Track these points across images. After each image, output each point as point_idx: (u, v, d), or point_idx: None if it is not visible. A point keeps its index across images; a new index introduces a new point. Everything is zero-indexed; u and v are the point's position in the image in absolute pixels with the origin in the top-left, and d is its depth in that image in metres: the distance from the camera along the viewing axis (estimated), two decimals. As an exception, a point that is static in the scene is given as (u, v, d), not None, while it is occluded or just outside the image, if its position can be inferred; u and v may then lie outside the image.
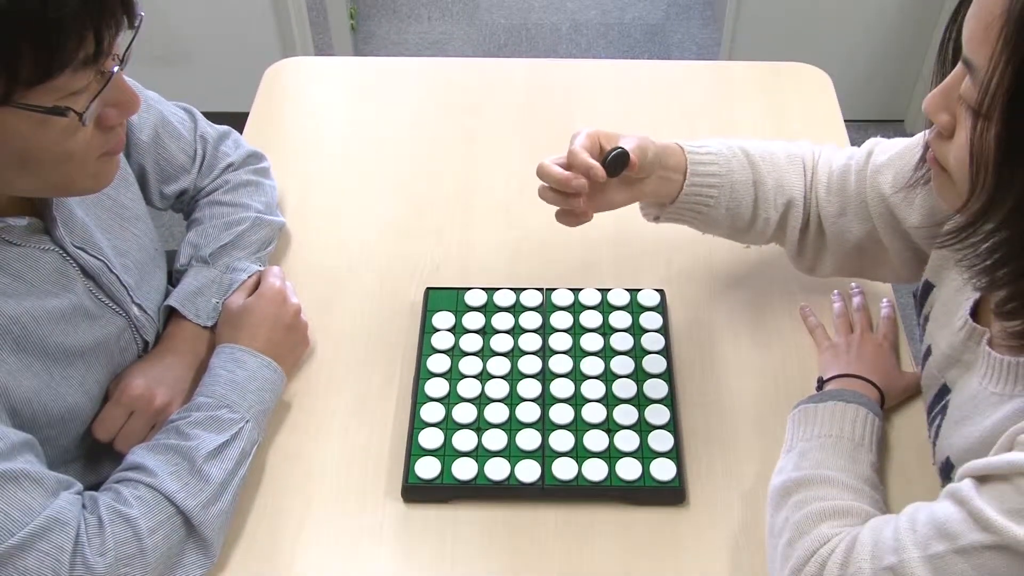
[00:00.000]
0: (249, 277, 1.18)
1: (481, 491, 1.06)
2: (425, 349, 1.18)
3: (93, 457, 1.09)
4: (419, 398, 1.13)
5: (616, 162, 1.02)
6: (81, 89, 0.84)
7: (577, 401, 1.13)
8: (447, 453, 1.08)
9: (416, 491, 1.06)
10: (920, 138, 1.05)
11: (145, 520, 0.92)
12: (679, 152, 1.10)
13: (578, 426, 1.11)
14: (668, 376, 1.15)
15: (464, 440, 1.09)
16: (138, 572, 0.91)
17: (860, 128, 2.65)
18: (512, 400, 1.13)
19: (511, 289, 1.24)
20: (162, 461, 0.96)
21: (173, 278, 1.21)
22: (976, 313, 0.95)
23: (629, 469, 1.06)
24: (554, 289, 1.25)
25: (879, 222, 1.08)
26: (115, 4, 0.82)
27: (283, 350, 1.13)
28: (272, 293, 1.14)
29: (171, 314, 1.15)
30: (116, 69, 0.86)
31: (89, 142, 0.89)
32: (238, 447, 1.01)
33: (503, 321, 1.21)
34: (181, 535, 0.95)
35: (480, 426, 1.11)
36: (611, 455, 1.08)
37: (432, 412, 1.11)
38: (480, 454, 1.08)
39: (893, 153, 1.08)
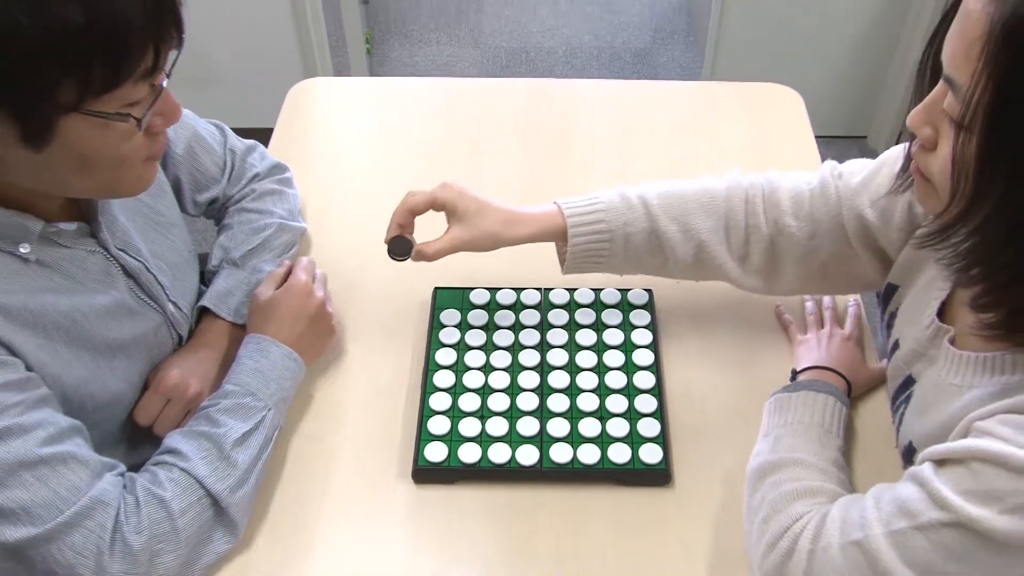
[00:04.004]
0: (279, 268, 1.16)
1: (485, 473, 1.06)
2: (433, 343, 1.18)
3: (135, 440, 1.08)
4: (428, 388, 1.13)
5: (395, 247, 1.10)
6: (138, 100, 0.85)
7: (572, 391, 1.13)
8: (454, 438, 1.08)
9: (425, 473, 1.06)
10: (886, 155, 1.05)
11: (177, 502, 0.92)
12: (558, 215, 1.09)
13: (573, 414, 1.10)
14: (655, 368, 1.15)
15: (469, 426, 1.09)
16: (170, 547, 0.91)
17: (828, 143, 2.65)
18: (513, 390, 1.13)
19: (512, 289, 1.24)
20: (195, 447, 0.96)
21: (205, 278, 1.21)
22: (941, 313, 0.95)
23: (620, 453, 1.06)
24: (551, 289, 1.24)
25: (856, 240, 1.06)
26: (171, 23, 0.83)
27: (307, 340, 1.11)
28: (298, 287, 1.13)
29: (203, 312, 1.15)
30: (165, 83, 0.88)
31: (138, 147, 0.90)
32: (262, 434, 1.01)
33: (505, 318, 1.21)
34: (210, 515, 0.94)
35: (484, 414, 1.10)
36: (603, 440, 1.07)
37: (440, 401, 1.11)
38: (484, 439, 1.08)
39: (865, 175, 1.06)
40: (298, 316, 1.11)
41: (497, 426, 1.09)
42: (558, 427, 1.09)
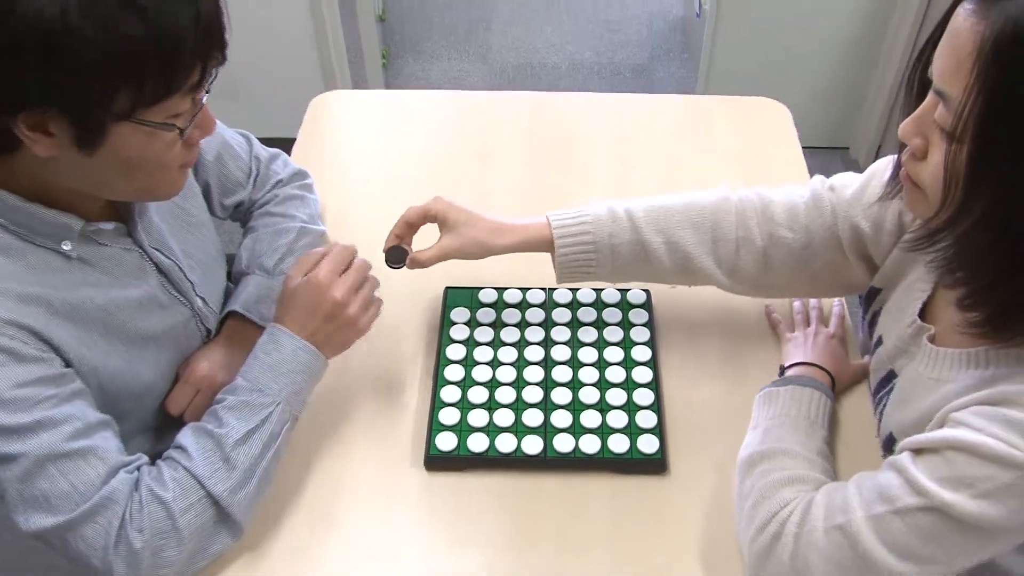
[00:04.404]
0: (318, 248, 1.09)
1: (492, 461, 1.07)
2: (444, 340, 1.19)
3: (165, 428, 1.09)
4: (439, 381, 1.14)
5: (392, 256, 1.13)
6: (182, 112, 0.87)
7: (575, 385, 1.13)
8: (463, 429, 1.09)
9: (437, 461, 1.07)
10: (875, 168, 1.06)
11: (178, 502, 0.90)
12: (545, 227, 1.10)
13: (575, 406, 1.11)
14: (653, 364, 1.16)
15: (478, 418, 1.09)
16: (172, 545, 0.90)
17: (813, 153, 2.65)
18: (519, 384, 1.14)
19: (518, 288, 1.25)
20: (199, 446, 0.94)
21: (232, 277, 1.22)
22: (923, 313, 0.96)
23: (619, 443, 1.07)
24: (555, 288, 1.25)
25: (849, 249, 1.07)
26: (216, 43, 0.85)
27: (323, 336, 1.02)
28: (315, 282, 1.02)
29: (231, 313, 1.15)
30: (204, 98, 0.89)
31: (177, 155, 0.91)
32: (267, 430, 0.96)
33: (511, 316, 1.22)
34: (211, 515, 0.92)
35: (491, 406, 1.11)
36: (603, 431, 1.08)
37: (450, 393, 1.12)
38: (491, 429, 1.09)
39: (856, 188, 1.06)
40: (312, 313, 1.03)
41: (504, 417, 1.09)
42: (561, 419, 1.09)
